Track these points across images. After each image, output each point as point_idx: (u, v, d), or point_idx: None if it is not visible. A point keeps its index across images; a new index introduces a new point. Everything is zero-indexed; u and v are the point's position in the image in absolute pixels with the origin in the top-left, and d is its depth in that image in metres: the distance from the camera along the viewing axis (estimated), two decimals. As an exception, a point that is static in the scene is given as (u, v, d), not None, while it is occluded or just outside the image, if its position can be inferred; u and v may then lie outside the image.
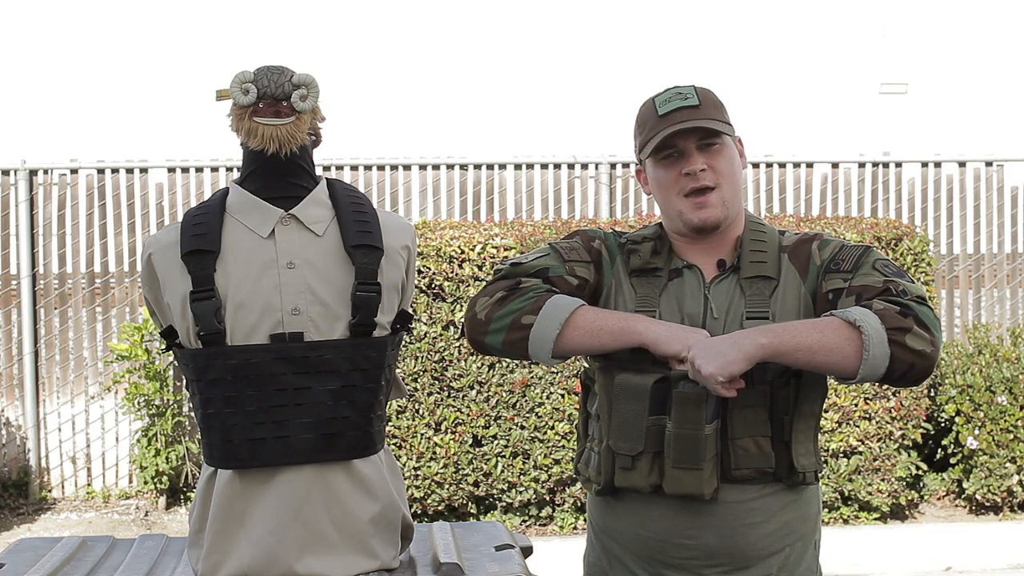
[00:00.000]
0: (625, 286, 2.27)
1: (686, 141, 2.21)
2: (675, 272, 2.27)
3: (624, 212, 7.51)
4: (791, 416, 2.17)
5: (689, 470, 2.11)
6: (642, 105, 2.30)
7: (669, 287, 2.25)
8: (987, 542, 6.16)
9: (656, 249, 2.29)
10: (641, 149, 2.27)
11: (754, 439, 2.16)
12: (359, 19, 8.95)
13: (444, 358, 6.16)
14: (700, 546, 2.18)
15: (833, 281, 2.19)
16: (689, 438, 2.10)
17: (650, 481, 2.16)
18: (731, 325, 2.18)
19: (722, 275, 2.25)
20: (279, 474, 2.25)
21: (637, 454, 2.15)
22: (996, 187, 7.68)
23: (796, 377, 2.17)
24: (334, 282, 2.27)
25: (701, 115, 2.20)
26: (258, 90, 2.27)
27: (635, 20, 9.04)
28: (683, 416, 2.10)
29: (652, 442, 2.14)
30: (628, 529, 2.24)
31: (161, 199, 7.33)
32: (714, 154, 2.22)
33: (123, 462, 7.22)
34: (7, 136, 8.24)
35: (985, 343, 6.71)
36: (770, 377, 2.15)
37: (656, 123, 2.22)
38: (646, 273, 2.27)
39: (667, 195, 2.25)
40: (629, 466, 2.17)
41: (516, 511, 6.30)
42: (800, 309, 2.20)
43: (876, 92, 9.33)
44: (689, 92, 2.23)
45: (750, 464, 2.16)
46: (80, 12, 8.81)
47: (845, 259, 2.21)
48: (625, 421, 2.16)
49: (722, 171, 2.22)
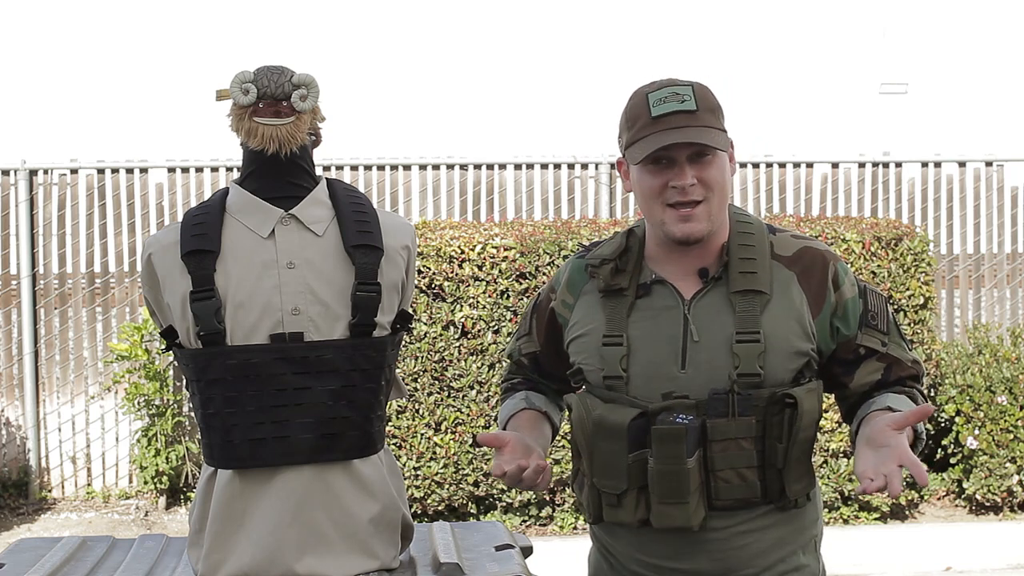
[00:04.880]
0: (596, 312, 2.20)
1: (678, 150, 2.07)
2: (643, 288, 2.16)
3: (624, 212, 7.51)
4: (786, 444, 2.09)
5: (675, 504, 2.07)
6: (633, 94, 2.15)
7: (637, 306, 2.16)
8: (987, 542, 6.16)
9: (618, 267, 2.17)
10: (628, 147, 2.13)
11: (736, 471, 2.09)
12: (359, 19, 8.95)
13: (444, 358, 6.16)
14: (694, 569, 2.16)
15: (871, 340, 2.17)
16: (672, 473, 2.05)
17: (637, 516, 2.12)
18: (716, 350, 2.10)
19: (705, 288, 2.14)
20: (279, 474, 2.25)
21: (622, 492, 2.11)
22: (996, 187, 7.68)
23: (791, 407, 2.08)
24: (334, 282, 2.26)
25: (697, 122, 2.07)
26: (258, 90, 2.27)
27: (635, 20, 9.04)
28: (664, 452, 2.06)
29: (635, 478, 2.10)
30: (624, 550, 2.22)
31: (161, 199, 7.33)
32: (705, 165, 2.09)
33: (123, 462, 7.21)
34: (7, 136, 8.24)
35: (985, 343, 6.71)
36: (762, 404, 2.08)
37: (647, 124, 2.09)
38: (611, 294, 2.18)
39: (650, 203, 2.12)
40: (615, 504, 2.13)
41: (516, 511, 6.30)
42: (789, 333, 2.11)
43: (876, 92, 9.33)
44: (686, 94, 2.09)
45: (731, 495, 2.10)
46: (80, 12, 8.81)
47: (878, 315, 2.18)
48: (606, 461, 2.11)
49: (712, 183, 2.09)
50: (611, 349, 2.15)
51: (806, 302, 2.14)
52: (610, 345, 2.15)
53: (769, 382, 2.09)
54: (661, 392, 2.11)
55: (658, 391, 2.11)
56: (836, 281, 2.16)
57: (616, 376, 2.13)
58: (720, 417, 2.08)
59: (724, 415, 2.08)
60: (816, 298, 2.15)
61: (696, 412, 2.08)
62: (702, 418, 2.08)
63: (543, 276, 6.17)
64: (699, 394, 2.09)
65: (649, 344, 2.13)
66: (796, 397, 2.08)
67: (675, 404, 2.09)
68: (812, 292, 2.15)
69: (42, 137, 8.20)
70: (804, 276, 2.15)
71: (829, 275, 2.16)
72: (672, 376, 2.11)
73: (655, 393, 2.11)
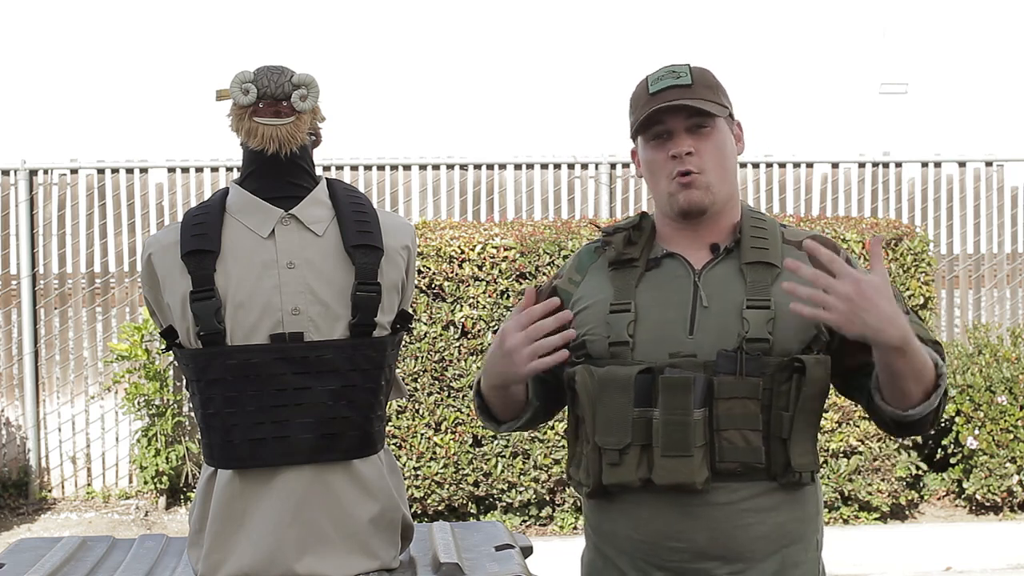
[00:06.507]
0: (604, 284, 2.21)
1: (674, 121, 2.13)
2: (653, 262, 2.19)
3: (624, 212, 7.51)
4: (792, 413, 2.09)
5: (679, 457, 2.06)
6: (637, 84, 2.23)
7: (647, 277, 2.18)
8: (987, 542, 6.16)
9: (631, 239, 2.22)
10: (631, 128, 2.20)
11: (740, 432, 2.08)
12: (359, 19, 8.95)
13: (444, 358, 6.16)
14: (691, 548, 2.12)
15: None
16: (678, 424, 2.05)
17: (639, 475, 2.10)
18: (726, 315, 2.11)
19: (716, 259, 2.17)
20: (279, 474, 2.25)
21: (624, 447, 2.10)
22: (996, 187, 7.69)
23: (800, 373, 2.09)
24: (334, 282, 2.27)
25: (691, 95, 2.12)
26: (258, 90, 2.27)
27: (635, 20, 9.04)
28: (671, 403, 2.06)
29: (639, 434, 2.09)
30: (620, 532, 2.19)
31: (161, 199, 7.34)
32: (703, 137, 2.13)
33: (123, 462, 7.22)
34: (7, 136, 8.24)
35: (985, 343, 6.71)
36: (770, 371, 2.08)
37: (647, 100, 2.15)
38: (622, 265, 2.21)
39: (656, 177, 2.18)
40: (617, 461, 2.11)
41: (516, 511, 6.30)
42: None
43: (876, 92, 9.34)
44: (683, 71, 2.15)
45: (735, 457, 2.08)
46: (80, 12, 8.81)
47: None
48: (610, 415, 2.10)
49: (709, 156, 2.13)
50: (618, 316, 2.15)
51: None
52: (617, 312, 2.16)
53: (777, 350, 2.10)
54: (668, 353, 2.11)
55: (665, 352, 2.11)
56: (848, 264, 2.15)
57: (622, 341, 2.13)
58: (728, 375, 2.08)
59: (732, 373, 2.08)
60: None
61: (704, 371, 2.08)
62: (709, 376, 2.08)
63: (543, 276, 6.17)
64: (707, 356, 2.09)
65: (657, 310, 2.14)
66: (804, 362, 2.08)
67: (682, 362, 2.09)
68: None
69: (42, 137, 8.21)
70: (815, 257, 2.14)
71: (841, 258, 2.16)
72: (680, 340, 2.11)
73: (662, 355, 2.11)
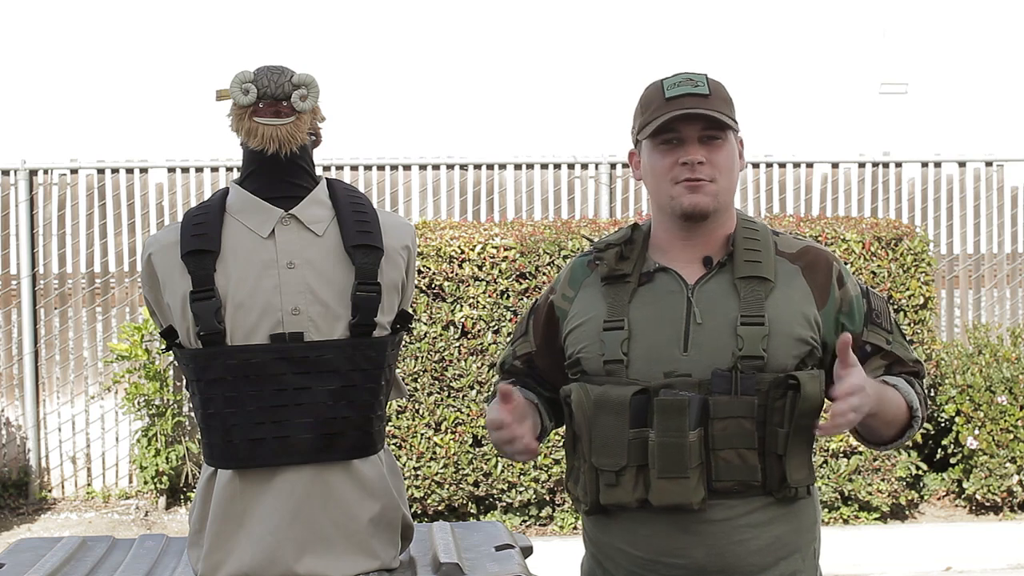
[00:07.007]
0: (597, 301, 2.20)
1: (690, 129, 2.13)
2: (646, 276, 2.18)
3: (624, 212, 7.51)
4: (787, 429, 2.09)
5: (675, 479, 2.06)
6: (648, 86, 2.21)
7: (639, 293, 2.17)
8: (987, 542, 6.16)
9: (623, 254, 2.20)
10: (640, 129, 2.18)
11: (736, 451, 2.08)
12: (359, 19, 8.95)
13: (444, 358, 6.16)
14: (690, 564, 2.13)
15: (876, 336, 2.21)
16: (673, 446, 2.05)
17: (636, 496, 2.10)
18: (720, 332, 2.10)
19: (709, 274, 2.16)
20: (279, 474, 2.25)
21: (620, 469, 2.10)
22: (996, 187, 7.69)
23: (794, 389, 2.08)
24: (334, 282, 2.27)
25: (709, 105, 2.12)
26: (258, 90, 2.27)
27: (635, 20, 9.04)
28: (666, 424, 2.06)
29: (635, 456, 2.09)
30: (618, 547, 2.19)
31: (161, 199, 7.33)
32: (715, 148, 2.13)
33: (123, 462, 7.22)
34: (7, 136, 8.24)
35: (985, 343, 6.71)
36: (764, 388, 2.08)
37: (661, 105, 2.14)
38: (614, 280, 2.20)
39: (659, 181, 2.16)
40: (613, 482, 2.11)
41: (516, 511, 6.30)
42: (793, 320, 2.12)
43: (876, 92, 9.33)
44: (700, 80, 2.15)
45: (731, 476, 2.09)
46: (80, 12, 8.81)
47: (881, 314, 2.23)
48: (606, 436, 2.10)
49: (720, 167, 2.14)
50: (612, 333, 2.15)
51: (810, 294, 2.16)
52: (611, 329, 2.15)
53: (772, 366, 2.09)
54: (663, 372, 2.11)
55: (659, 371, 2.11)
56: (840, 279, 2.19)
57: (616, 360, 2.13)
58: (723, 395, 2.08)
59: (727, 392, 2.08)
60: (821, 292, 2.17)
61: (699, 390, 2.08)
62: (704, 396, 2.08)
63: (543, 276, 6.17)
64: (702, 375, 2.09)
65: (651, 327, 2.14)
66: (799, 379, 2.08)
67: (677, 382, 2.09)
68: (816, 286, 2.17)
69: (42, 137, 8.20)
70: (808, 270, 2.18)
71: (833, 273, 2.19)
72: (674, 358, 2.11)
73: (656, 374, 2.11)
